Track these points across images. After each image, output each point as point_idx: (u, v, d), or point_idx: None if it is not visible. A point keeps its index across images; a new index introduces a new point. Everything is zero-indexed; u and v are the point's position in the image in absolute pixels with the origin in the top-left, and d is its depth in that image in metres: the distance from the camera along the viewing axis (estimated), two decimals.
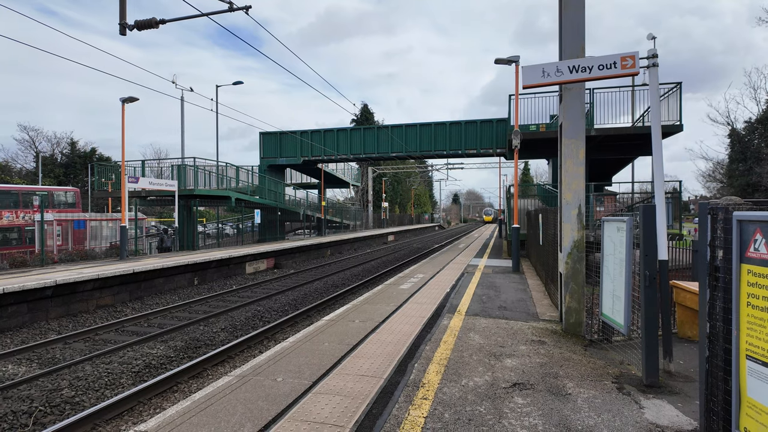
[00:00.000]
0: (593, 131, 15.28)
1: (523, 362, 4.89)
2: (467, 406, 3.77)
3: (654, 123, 4.99)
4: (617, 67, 5.05)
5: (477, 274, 11.85)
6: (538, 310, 7.58)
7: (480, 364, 4.78)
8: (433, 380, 4.31)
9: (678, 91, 14.72)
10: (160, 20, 8.84)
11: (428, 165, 46.26)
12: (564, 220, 6.14)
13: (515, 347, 5.44)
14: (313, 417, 3.51)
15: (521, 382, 4.31)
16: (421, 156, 24.88)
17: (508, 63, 13.05)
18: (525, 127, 17.26)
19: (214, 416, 3.53)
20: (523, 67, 5.76)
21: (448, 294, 8.78)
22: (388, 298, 8.36)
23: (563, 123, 6.10)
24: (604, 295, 5.63)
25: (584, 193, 6.14)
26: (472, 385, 4.21)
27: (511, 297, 8.68)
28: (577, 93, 5.95)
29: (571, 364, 4.85)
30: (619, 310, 5.07)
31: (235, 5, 8.23)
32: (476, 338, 5.78)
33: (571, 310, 6.10)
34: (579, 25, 5.84)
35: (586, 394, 4.06)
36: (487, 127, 21.93)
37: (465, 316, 6.95)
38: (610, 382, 4.36)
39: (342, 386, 4.13)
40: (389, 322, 6.49)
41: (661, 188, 5.06)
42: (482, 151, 22.54)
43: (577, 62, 5.28)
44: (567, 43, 5.88)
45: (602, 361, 4.98)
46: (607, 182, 21.16)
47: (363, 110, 47.16)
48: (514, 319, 6.90)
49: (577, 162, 6.00)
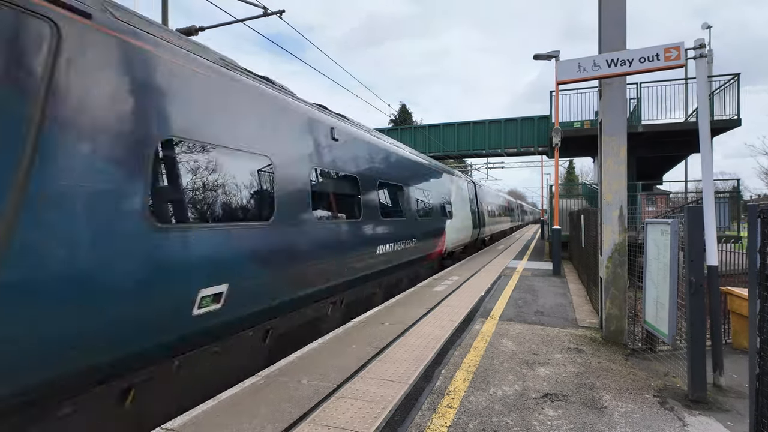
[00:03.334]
0: (640, 127, 14.50)
1: (558, 371, 4.67)
2: (493, 416, 3.62)
3: (702, 118, 4.64)
4: (660, 59, 4.72)
5: (515, 276, 11.51)
6: (578, 316, 7.24)
7: (510, 372, 4.60)
8: (460, 388, 4.18)
9: (736, 83, 13.73)
10: (199, 27, 9.15)
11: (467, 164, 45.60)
12: (604, 221, 5.83)
13: (550, 355, 5.21)
14: (334, 422, 3.48)
15: (553, 393, 4.11)
16: (459, 156, 24.52)
17: (548, 58, 12.62)
18: (568, 124, 16.63)
19: (238, 417, 3.57)
20: (558, 63, 5.51)
21: (482, 297, 8.56)
22: (421, 300, 8.25)
23: (603, 119, 5.79)
24: (647, 301, 5.29)
25: (626, 193, 5.80)
26: (500, 395, 4.05)
27: (549, 301, 8.36)
28: (617, 88, 5.62)
29: (610, 375, 4.58)
30: (664, 318, 4.74)
31: (269, 10, 8.38)
32: (509, 344, 5.58)
33: (611, 317, 5.78)
34: (619, 16, 5.52)
35: (623, 407, 3.82)
36: (528, 125, 21.30)
37: (498, 321, 6.73)
38: (652, 396, 4.08)
39: (365, 391, 4.08)
40: (419, 325, 6.38)
41: (711, 188, 4.70)
42: (523, 150, 21.92)
43: (615, 55, 4.98)
44: (606, 36, 5.57)
45: (644, 372, 4.67)
46: (657, 181, 20.06)
47: (401, 110, 47.13)
48: (550, 325, 6.62)
49: (618, 160, 5.67)
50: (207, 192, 4.20)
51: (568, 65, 5.29)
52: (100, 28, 3.24)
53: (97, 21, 3.23)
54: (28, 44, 2.78)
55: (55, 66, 2.89)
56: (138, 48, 3.54)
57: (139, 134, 3.45)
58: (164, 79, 3.77)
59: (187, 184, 3.96)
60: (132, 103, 3.44)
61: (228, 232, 4.31)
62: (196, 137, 4.05)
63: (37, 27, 2.82)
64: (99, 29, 3.23)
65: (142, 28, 3.67)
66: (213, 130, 4.26)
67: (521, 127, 21.37)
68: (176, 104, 3.86)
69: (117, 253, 3.20)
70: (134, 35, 3.53)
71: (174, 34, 4.29)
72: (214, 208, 4.25)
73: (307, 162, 5.93)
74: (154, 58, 3.69)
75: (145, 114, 3.55)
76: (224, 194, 4.40)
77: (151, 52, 3.66)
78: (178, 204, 3.89)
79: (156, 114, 3.65)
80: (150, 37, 3.71)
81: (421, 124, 27.96)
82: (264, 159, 5.00)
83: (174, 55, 3.93)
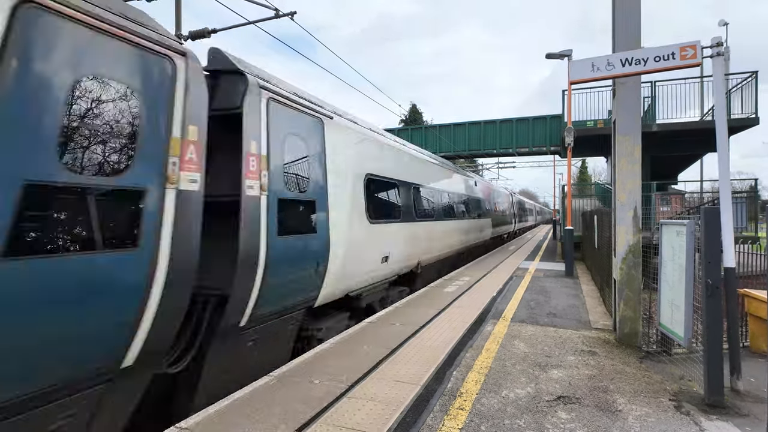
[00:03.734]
0: (655, 127, 14.29)
1: (571, 374, 4.63)
2: (506, 419, 3.60)
3: (719, 117, 4.56)
4: (675, 58, 4.65)
5: (526, 277, 11.43)
6: (591, 317, 7.17)
7: (523, 375, 4.57)
8: (472, 390, 4.16)
9: (753, 81, 13.47)
10: (211, 30, 9.22)
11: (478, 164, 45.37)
12: (618, 222, 5.76)
13: (563, 357, 5.16)
14: (346, 422, 3.49)
15: (567, 396, 4.07)
16: (470, 155, 24.39)
17: (561, 57, 12.51)
18: (581, 123, 16.46)
19: (251, 416, 3.60)
20: (570, 62, 5.46)
21: (494, 298, 8.51)
22: (431, 301, 8.23)
23: (616, 119, 5.72)
24: (662, 303, 5.22)
25: (641, 193, 5.73)
26: (512, 397, 4.02)
27: (561, 303, 8.29)
28: (631, 87, 5.55)
29: (624, 378, 4.53)
30: (679, 320, 4.68)
31: (281, 12, 8.42)
32: (521, 346, 5.54)
33: (625, 318, 5.71)
34: (633, 15, 5.45)
35: (638, 411, 3.77)
36: (540, 124, 21.12)
37: (510, 323, 6.69)
38: (667, 400, 4.02)
39: (377, 391, 4.08)
40: (430, 327, 6.37)
41: (728, 188, 4.62)
42: (535, 149, 21.72)
43: (629, 54, 4.92)
44: (620, 35, 5.51)
45: (659, 376, 4.61)
46: (672, 181, 19.76)
47: (411, 110, 47.00)
48: (563, 326, 6.57)
49: (632, 160, 5.60)
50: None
51: (581, 65, 5.23)
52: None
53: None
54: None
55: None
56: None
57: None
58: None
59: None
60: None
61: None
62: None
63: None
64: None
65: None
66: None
67: (533, 127, 21.20)
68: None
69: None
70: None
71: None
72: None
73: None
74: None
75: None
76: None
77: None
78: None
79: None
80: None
81: (431, 124, 27.89)
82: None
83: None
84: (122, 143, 3.14)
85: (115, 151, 3.11)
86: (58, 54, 2.76)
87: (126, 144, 3.16)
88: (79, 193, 2.84)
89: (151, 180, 3.26)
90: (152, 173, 3.28)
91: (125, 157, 3.14)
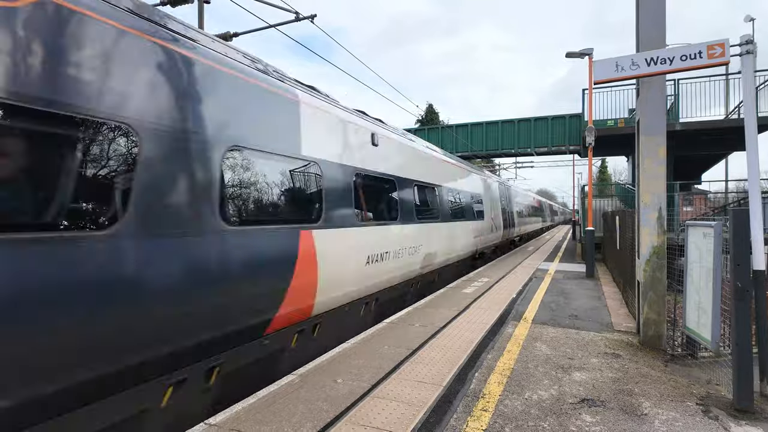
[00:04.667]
0: (678, 126, 14.03)
1: (594, 376, 4.59)
2: (530, 420, 3.60)
3: (748, 116, 4.46)
4: (703, 57, 4.57)
5: (546, 279, 11.33)
6: (613, 320, 7.08)
7: (546, 377, 4.55)
8: (494, 391, 4.16)
9: None
10: (233, 33, 9.39)
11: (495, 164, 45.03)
12: (642, 224, 5.68)
13: (586, 360, 5.12)
14: (370, 422, 3.53)
15: (591, 398, 4.04)
16: (487, 155, 24.26)
17: (581, 56, 12.36)
18: (601, 122, 16.24)
19: (277, 414, 3.66)
20: (594, 62, 5.41)
21: (513, 300, 8.47)
22: (450, 302, 8.23)
23: (641, 119, 5.64)
24: (688, 306, 5.14)
25: (665, 194, 5.64)
26: (536, 399, 4.01)
27: (583, 305, 8.20)
28: (656, 86, 5.47)
29: (649, 381, 4.48)
30: (706, 323, 4.60)
31: (301, 15, 8.52)
32: (543, 348, 5.51)
33: (649, 321, 5.63)
34: (658, 13, 5.37)
35: (664, 415, 3.72)
36: (559, 124, 20.89)
37: (531, 324, 6.66)
38: (694, 404, 3.96)
39: (399, 392, 4.12)
40: (450, 328, 6.38)
41: (757, 188, 4.52)
42: (554, 149, 21.50)
43: (655, 54, 4.85)
44: (644, 34, 5.43)
45: (685, 379, 4.54)
46: (695, 181, 19.34)
47: (428, 110, 46.86)
48: (585, 329, 6.50)
49: (657, 161, 5.52)
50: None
51: (605, 65, 5.18)
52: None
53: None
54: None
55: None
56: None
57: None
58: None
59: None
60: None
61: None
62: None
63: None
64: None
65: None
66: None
67: (552, 126, 20.97)
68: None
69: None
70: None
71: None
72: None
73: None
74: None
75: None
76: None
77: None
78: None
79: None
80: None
81: (448, 124, 27.80)
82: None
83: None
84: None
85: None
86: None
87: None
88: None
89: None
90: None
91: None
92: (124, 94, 3.16)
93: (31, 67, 2.63)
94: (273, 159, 4.71)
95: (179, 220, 3.54)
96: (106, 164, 3.09)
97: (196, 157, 3.73)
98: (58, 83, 2.75)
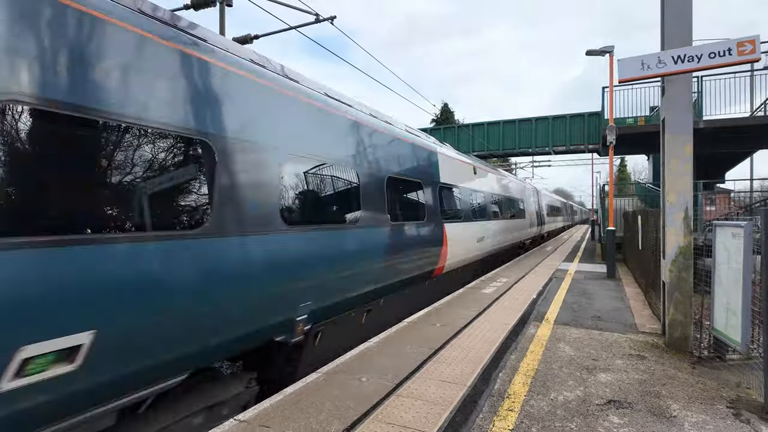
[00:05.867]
0: (702, 123, 13.73)
1: (620, 378, 4.55)
2: (556, 421, 3.59)
3: None
4: (732, 54, 4.49)
5: (567, 279, 11.22)
6: (637, 321, 6.99)
7: (570, 378, 4.53)
8: (520, 392, 4.16)
9: None
10: (254, 36, 9.52)
11: (512, 163, 44.67)
12: (668, 224, 5.60)
13: (610, 361, 5.07)
14: (396, 420, 3.57)
15: (617, 400, 4.01)
16: (504, 155, 24.09)
17: (602, 54, 12.21)
18: (621, 120, 16.00)
19: (304, 411, 3.72)
20: (618, 60, 5.35)
21: (534, 300, 8.41)
22: (470, 302, 8.21)
23: (666, 117, 5.57)
24: (716, 307, 5.06)
25: (691, 193, 5.56)
26: (561, 400, 4.00)
27: (605, 305, 8.11)
28: (682, 84, 5.39)
29: (676, 383, 4.42)
30: (735, 325, 4.53)
31: (321, 17, 8.60)
32: (566, 349, 5.48)
33: (675, 322, 5.55)
34: (684, 10, 5.29)
35: (694, 418, 3.68)
36: (577, 122, 20.64)
37: (554, 325, 6.61)
38: (725, 407, 3.90)
39: (424, 391, 4.14)
40: (471, 328, 6.38)
41: None
42: (572, 148, 21.24)
43: (682, 51, 4.78)
44: (670, 31, 5.36)
45: (714, 382, 4.47)
46: (719, 179, 18.92)
47: (443, 109, 46.70)
48: (609, 330, 6.44)
49: (683, 160, 5.44)
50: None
51: (629, 63, 5.12)
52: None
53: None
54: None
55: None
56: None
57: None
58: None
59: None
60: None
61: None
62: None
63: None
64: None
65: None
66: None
67: (570, 125, 20.73)
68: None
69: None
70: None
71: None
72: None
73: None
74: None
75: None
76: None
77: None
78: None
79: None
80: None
81: (464, 123, 27.68)
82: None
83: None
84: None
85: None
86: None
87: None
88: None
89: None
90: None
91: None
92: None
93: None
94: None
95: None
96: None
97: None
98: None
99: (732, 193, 15.92)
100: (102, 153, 2.89)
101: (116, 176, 2.96)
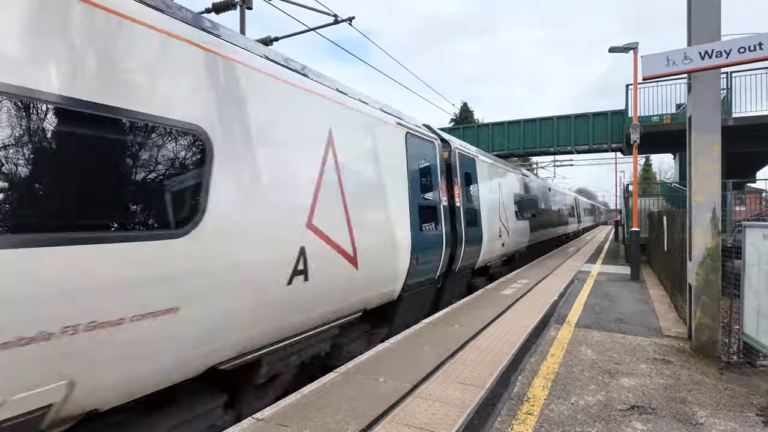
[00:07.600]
0: (731, 121, 13.31)
1: (643, 383, 4.43)
2: (577, 426, 3.52)
3: None
4: (764, 48, 4.33)
5: (589, 281, 11.01)
6: (662, 324, 6.81)
7: (592, 382, 4.44)
8: (539, 395, 4.09)
9: None
10: (273, 38, 9.62)
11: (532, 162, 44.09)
12: (694, 224, 5.44)
13: (634, 365, 4.95)
14: (413, 421, 3.55)
15: (641, 405, 3.91)
16: (524, 154, 23.75)
17: (625, 51, 11.93)
18: (645, 118, 15.62)
19: (321, 411, 3.74)
20: (643, 57, 5.22)
21: (555, 302, 8.27)
22: (489, 303, 8.13)
23: (693, 115, 5.40)
24: (746, 311, 4.89)
25: (720, 194, 5.38)
26: (582, 404, 3.92)
27: (629, 308, 7.92)
28: (710, 81, 5.22)
29: (703, 389, 4.28)
30: (766, 329, 4.36)
31: (339, 18, 8.63)
32: (588, 353, 5.37)
33: (702, 326, 5.38)
34: (713, 4, 5.12)
35: (722, 425, 3.56)
36: (600, 121, 20.23)
37: (575, 328, 6.49)
38: (755, 415, 3.76)
39: (441, 392, 4.11)
40: (490, 329, 6.31)
41: None
42: (595, 147, 20.82)
43: (710, 47, 4.63)
44: (697, 25, 5.19)
45: (744, 389, 4.32)
46: (749, 179, 18.30)
47: (462, 109, 46.37)
48: (632, 333, 6.28)
49: (711, 159, 5.27)
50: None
51: (654, 59, 4.99)
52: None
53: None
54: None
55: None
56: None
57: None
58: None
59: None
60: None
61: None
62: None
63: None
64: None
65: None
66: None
67: (593, 123, 20.34)
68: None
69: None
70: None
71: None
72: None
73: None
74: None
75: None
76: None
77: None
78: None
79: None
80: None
81: (484, 123, 27.42)
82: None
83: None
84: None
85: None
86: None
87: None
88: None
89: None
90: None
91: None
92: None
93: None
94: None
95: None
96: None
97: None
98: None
99: (763, 193, 15.35)
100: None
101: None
